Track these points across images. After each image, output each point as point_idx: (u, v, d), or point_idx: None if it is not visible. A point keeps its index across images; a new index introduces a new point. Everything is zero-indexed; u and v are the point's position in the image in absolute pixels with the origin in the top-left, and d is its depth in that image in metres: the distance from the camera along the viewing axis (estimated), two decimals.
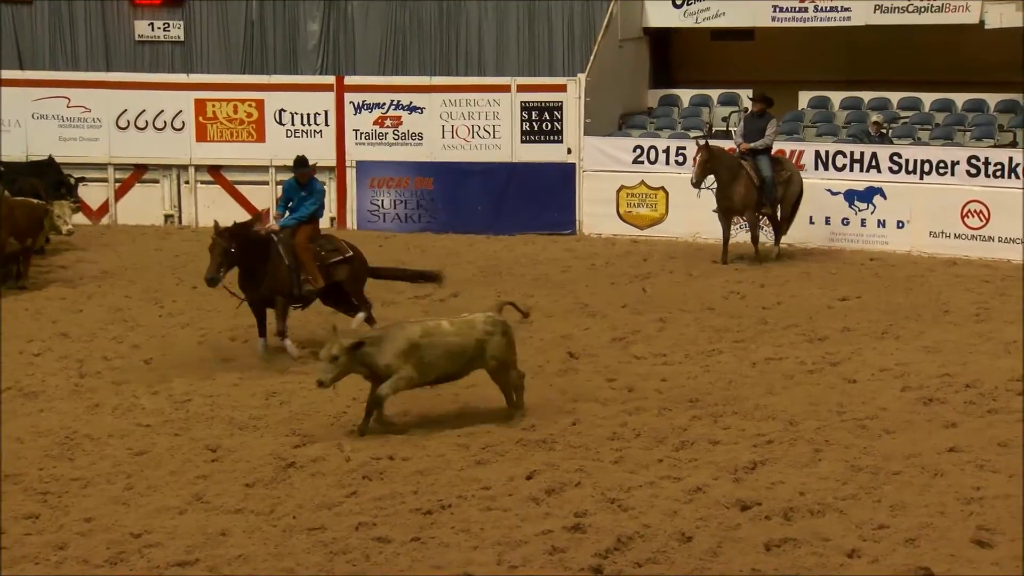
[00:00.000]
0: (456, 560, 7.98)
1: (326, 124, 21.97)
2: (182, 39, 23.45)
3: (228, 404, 11.51)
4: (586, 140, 21.08)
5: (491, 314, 10.85)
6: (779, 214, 18.82)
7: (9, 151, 21.02)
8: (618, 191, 20.87)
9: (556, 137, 21.35)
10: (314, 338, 13.51)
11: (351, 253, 14.06)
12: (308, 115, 22.00)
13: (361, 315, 13.96)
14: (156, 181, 22.19)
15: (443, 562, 7.98)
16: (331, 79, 22.23)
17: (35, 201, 17.20)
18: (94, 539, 8.27)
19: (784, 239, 18.99)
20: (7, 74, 22.25)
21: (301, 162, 14.03)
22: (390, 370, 10.27)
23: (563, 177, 21.20)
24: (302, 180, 13.93)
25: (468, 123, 21.66)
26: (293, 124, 22.04)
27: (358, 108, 21.91)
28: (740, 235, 18.99)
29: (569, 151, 21.25)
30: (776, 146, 19.18)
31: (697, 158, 18.30)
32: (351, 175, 21.91)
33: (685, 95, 22.95)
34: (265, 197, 22.00)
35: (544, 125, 21.43)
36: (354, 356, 10.16)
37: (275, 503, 8.98)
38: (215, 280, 12.99)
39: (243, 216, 21.95)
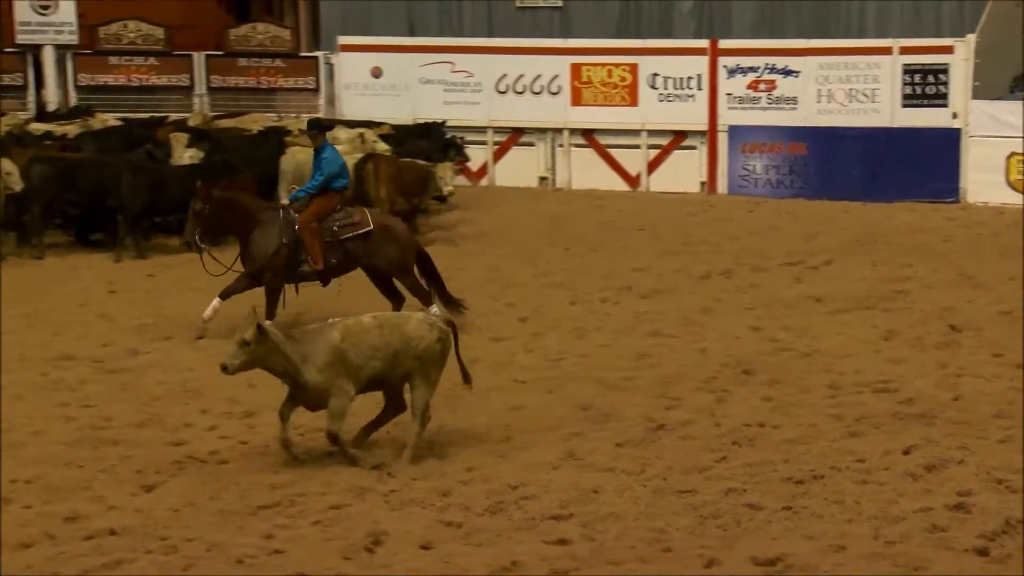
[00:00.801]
0: (830, 531, 7.80)
1: (699, 88, 21.89)
2: (560, 5, 23.90)
3: (599, 364, 11.67)
4: (974, 104, 20.10)
5: (434, 317, 9.78)
6: None
7: (397, 114, 22.11)
8: (1008, 158, 19.79)
9: (941, 101, 20.45)
10: None
11: (371, 228, 12.55)
12: (681, 79, 21.98)
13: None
14: (532, 144, 22.80)
15: (816, 532, 7.81)
16: (705, 43, 22.09)
17: (421, 163, 18.01)
18: (474, 488, 8.60)
19: None
20: (398, 40, 23.41)
21: (310, 125, 12.96)
22: (319, 388, 9.03)
23: (947, 143, 20.29)
24: (315, 145, 12.72)
25: (845, 87, 21.05)
26: (666, 88, 22.08)
27: (732, 72, 21.72)
28: None
29: (955, 115, 20.32)
30: None
31: None
32: (723, 140, 21.75)
33: None
34: (636, 161, 22.21)
35: (928, 89, 20.57)
36: (266, 346, 8.87)
37: (645, 464, 9.03)
38: (189, 244, 12.60)
39: (615, 180, 22.38)
